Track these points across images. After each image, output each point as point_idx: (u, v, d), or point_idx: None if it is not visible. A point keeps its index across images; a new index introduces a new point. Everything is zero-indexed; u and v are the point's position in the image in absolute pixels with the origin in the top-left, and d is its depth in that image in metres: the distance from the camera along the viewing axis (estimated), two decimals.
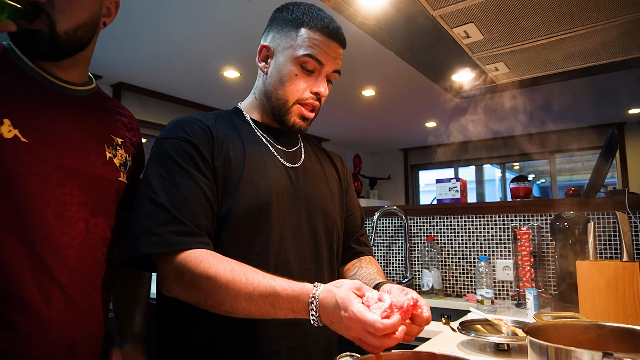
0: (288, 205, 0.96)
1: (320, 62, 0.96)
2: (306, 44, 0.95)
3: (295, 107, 0.98)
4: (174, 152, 0.88)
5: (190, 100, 4.55)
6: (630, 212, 1.72)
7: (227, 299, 0.78)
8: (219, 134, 0.94)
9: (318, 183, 1.06)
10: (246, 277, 0.78)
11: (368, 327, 0.68)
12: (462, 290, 2.15)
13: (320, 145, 1.21)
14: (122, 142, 0.96)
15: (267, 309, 0.77)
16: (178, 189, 0.85)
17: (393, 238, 2.41)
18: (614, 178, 5.69)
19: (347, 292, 0.72)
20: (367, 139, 6.73)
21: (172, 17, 2.79)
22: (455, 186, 2.25)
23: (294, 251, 0.95)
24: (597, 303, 1.32)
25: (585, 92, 4.37)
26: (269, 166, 0.96)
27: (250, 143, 0.97)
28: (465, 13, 1.36)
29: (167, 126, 0.95)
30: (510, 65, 1.77)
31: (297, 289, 0.76)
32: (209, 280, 0.78)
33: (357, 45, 2.79)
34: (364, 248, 1.17)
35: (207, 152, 0.90)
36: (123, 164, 0.94)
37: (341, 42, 0.99)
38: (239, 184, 0.90)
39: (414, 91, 4.32)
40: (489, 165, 6.99)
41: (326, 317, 0.73)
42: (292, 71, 0.96)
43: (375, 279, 1.01)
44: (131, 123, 1.04)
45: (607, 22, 1.39)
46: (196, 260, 0.80)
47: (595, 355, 0.60)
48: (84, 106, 0.90)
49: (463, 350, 1.21)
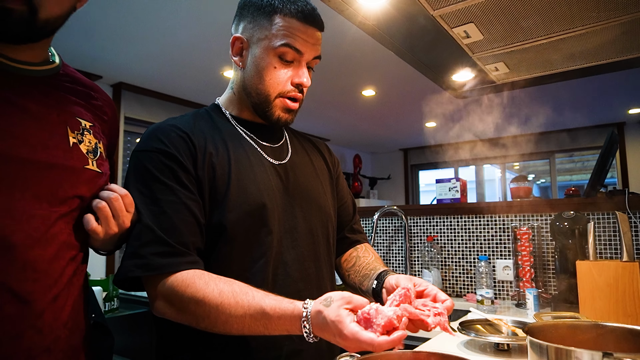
0: (281, 206, 0.93)
1: (299, 51, 0.90)
2: (282, 32, 0.89)
3: (277, 101, 0.93)
4: (153, 167, 0.84)
5: (190, 100, 4.55)
6: (630, 212, 1.72)
7: (218, 322, 0.76)
8: (199, 139, 0.89)
9: (308, 177, 1.02)
10: (235, 299, 0.75)
11: (366, 346, 0.66)
12: (462, 290, 2.15)
13: (305, 135, 1.16)
14: (90, 127, 0.85)
15: (261, 330, 0.75)
16: (159, 206, 0.81)
17: (393, 238, 2.41)
18: (614, 178, 5.69)
19: (338, 311, 0.68)
20: (367, 139, 6.73)
21: (172, 17, 2.79)
22: (455, 186, 2.25)
23: (291, 252, 0.92)
24: (597, 303, 1.32)
25: (585, 92, 4.37)
26: (256, 167, 0.92)
27: (233, 144, 0.93)
28: (465, 13, 1.36)
29: (143, 136, 0.89)
30: (510, 65, 1.77)
31: (287, 311, 0.73)
32: (197, 305, 0.76)
33: (357, 45, 2.79)
34: (359, 236, 1.14)
35: (188, 163, 0.85)
36: (92, 151, 0.83)
37: (319, 26, 0.93)
38: (227, 192, 0.86)
39: (414, 91, 4.32)
40: (489, 165, 6.99)
41: (321, 334, 0.71)
42: (270, 63, 0.91)
43: (376, 268, 0.99)
44: (105, 107, 0.92)
45: (607, 22, 1.39)
46: (183, 284, 0.77)
47: (595, 355, 0.60)
48: (41, 88, 0.79)
49: (463, 350, 1.21)
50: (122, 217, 0.79)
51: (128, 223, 0.81)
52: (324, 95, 4.38)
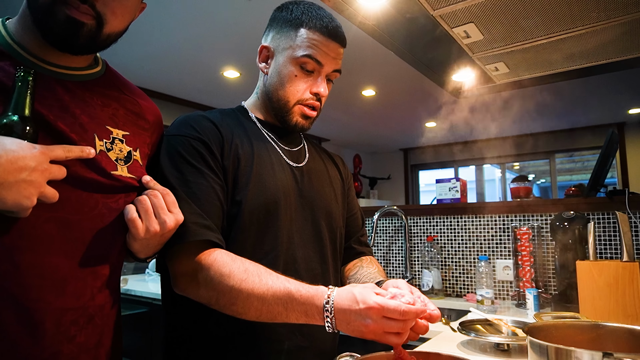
0: (294, 205, 0.97)
1: (320, 62, 0.96)
2: (305, 44, 0.94)
3: (296, 107, 0.98)
4: (184, 150, 0.88)
5: (190, 100, 4.56)
6: (630, 212, 1.72)
7: (239, 298, 0.78)
8: (226, 131, 0.94)
9: (322, 183, 1.06)
10: (260, 277, 0.78)
11: (391, 313, 0.69)
12: (462, 290, 2.15)
13: (321, 146, 1.22)
14: (124, 136, 0.83)
15: (279, 311, 0.76)
16: (190, 187, 0.85)
17: (393, 238, 2.41)
18: (614, 178, 5.69)
19: (364, 287, 0.73)
20: (367, 139, 6.73)
21: (172, 17, 2.79)
22: (455, 186, 2.25)
23: (300, 251, 0.95)
24: (597, 303, 1.32)
25: (585, 92, 4.37)
26: (275, 165, 0.97)
27: (257, 142, 0.97)
28: (465, 13, 1.36)
29: (174, 123, 0.94)
30: (510, 65, 1.77)
31: (312, 291, 0.76)
32: (222, 278, 0.78)
33: (357, 45, 2.79)
34: (365, 248, 1.18)
35: (217, 150, 0.90)
36: (122, 159, 0.81)
37: (341, 42, 0.99)
38: (247, 183, 0.90)
39: (414, 91, 4.32)
40: (489, 165, 6.99)
41: (342, 317, 0.72)
42: (291, 72, 0.96)
43: (377, 278, 1.02)
44: (145, 114, 0.90)
45: (607, 22, 1.39)
46: (210, 259, 0.80)
47: (595, 355, 0.60)
48: (77, 93, 0.79)
49: (463, 350, 1.21)
50: (163, 215, 0.77)
51: (171, 224, 0.77)
52: None
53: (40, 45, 0.76)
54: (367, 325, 0.70)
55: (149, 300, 2.32)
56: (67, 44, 0.75)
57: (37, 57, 0.76)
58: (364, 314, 0.70)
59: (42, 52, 0.76)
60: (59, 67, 0.78)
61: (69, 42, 0.75)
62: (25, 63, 0.74)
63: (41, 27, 0.73)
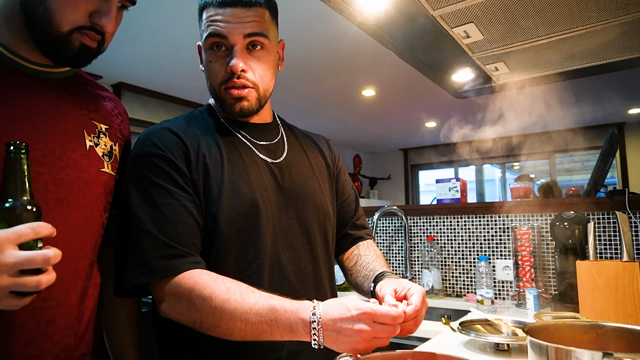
0: (275, 206, 0.92)
1: (222, 35, 0.87)
2: (206, 25, 0.89)
3: (224, 93, 0.91)
4: (149, 171, 0.84)
5: (190, 100, 4.55)
6: (630, 212, 1.72)
7: (222, 319, 0.75)
8: (192, 141, 0.89)
9: (304, 176, 1.00)
10: (242, 296, 0.76)
11: (381, 318, 0.69)
12: (462, 290, 2.15)
13: (304, 130, 1.15)
14: (106, 129, 0.87)
15: (264, 329, 0.74)
16: (159, 209, 0.81)
17: (393, 238, 2.41)
18: (614, 178, 5.69)
19: (354, 298, 0.73)
20: (367, 139, 6.73)
21: (172, 17, 2.79)
22: (455, 186, 2.25)
23: (287, 253, 0.91)
24: (597, 303, 1.32)
25: (585, 92, 4.37)
26: (249, 167, 0.91)
27: (226, 144, 0.92)
28: (465, 13, 1.36)
29: (138, 141, 0.89)
30: (510, 65, 1.77)
31: (296, 305, 0.74)
32: (204, 301, 0.76)
33: (357, 45, 2.79)
34: (362, 232, 1.12)
35: (183, 165, 0.85)
36: (107, 154, 0.86)
37: (242, 4, 0.88)
38: (220, 194, 0.85)
39: (414, 91, 4.32)
40: (489, 165, 6.99)
41: (331, 327, 0.70)
42: (207, 59, 0.91)
43: (375, 269, 0.98)
44: (117, 108, 0.95)
45: (607, 22, 1.39)
46: (190, 282, 0.77)
47: (595, 355, 0.60)
48: (58, 90, 0.81)
49: (463, 350, 1.21)
50: None
51: None
52: (324, 96, 4.38)
53: (24, 45, 0.78)
54: (360, 330, 0.68)
55: (149, 300, 2.31)
56: (69, 63, 0.80)
57: (18, 54, 0.77)
58: (356, 319, 0.69)
59: (23, 50, 0.78)
60: (39, 65, 0.80)
61: (73, 63, 0.80)
62: (4, 61, 0.76)
63: (52, 54, 0.77)
